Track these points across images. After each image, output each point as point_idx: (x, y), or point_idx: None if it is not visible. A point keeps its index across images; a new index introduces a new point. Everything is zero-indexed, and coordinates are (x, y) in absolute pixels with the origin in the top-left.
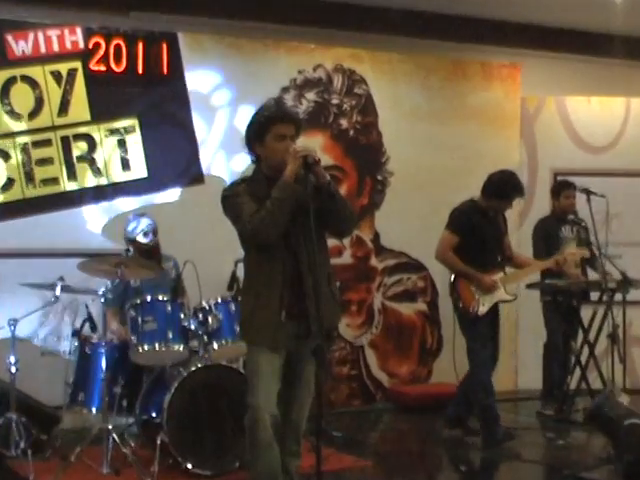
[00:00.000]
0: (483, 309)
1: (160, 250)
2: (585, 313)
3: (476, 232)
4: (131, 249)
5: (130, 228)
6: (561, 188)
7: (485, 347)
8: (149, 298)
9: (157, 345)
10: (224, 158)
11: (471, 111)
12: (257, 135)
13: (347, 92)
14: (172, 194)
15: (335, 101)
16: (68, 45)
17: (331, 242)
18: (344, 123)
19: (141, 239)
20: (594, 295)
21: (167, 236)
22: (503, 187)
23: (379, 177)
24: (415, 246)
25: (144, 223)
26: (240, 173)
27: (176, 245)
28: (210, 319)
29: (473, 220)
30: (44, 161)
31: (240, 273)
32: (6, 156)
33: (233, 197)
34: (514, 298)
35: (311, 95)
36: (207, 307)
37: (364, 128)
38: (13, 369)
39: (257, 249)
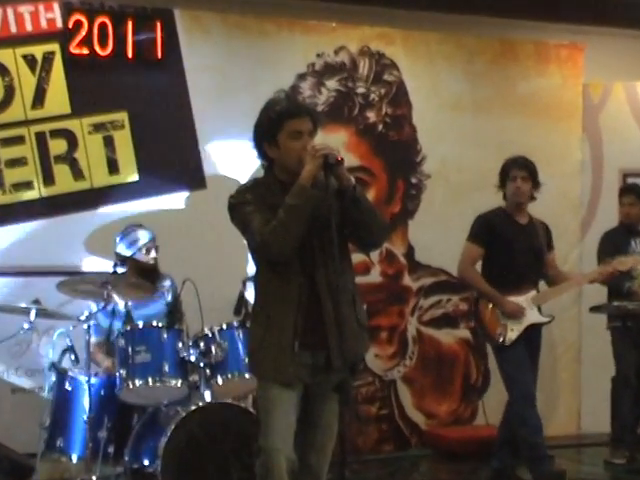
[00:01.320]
0: (512, 335)
1: (158, 269)
2: None
3: (502, 243)
4: (123, 267)
5: (126, 242)
6: (623, 193)
7: (524, 374)
8: (141, 324)
9: (150, 380)
10: (230, 158)
11: (523, 101)
12: (268, 134)
13: (375, 79)
14: (168, 201)
15: (361, 90)
16: (43, 24)
17: (356, 257)
18: (371, 116)
19: (142, 257)
20: None
21: (162, 251)
22: (501, 172)
23: (413, 180)
24: (456, 262)
25: (145, 237)
26: (250, 176)
27: (173, 261)
28: (214, 349)
29: (497, 229)
30: (16, 162)
31: (249, 294)
32: None
33: (241, 205)
34: (550, 320)
35: (332, 83)
36: (210, 335)
37: (395, 122)
38: None
39: (268, 265)
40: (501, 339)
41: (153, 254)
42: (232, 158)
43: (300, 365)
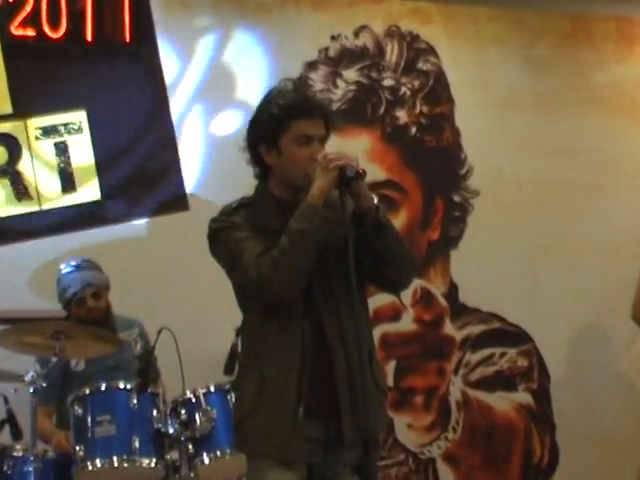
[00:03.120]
0: None
1: (112, 316)
2: None
3: None
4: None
5: (61, 286)
6: None
7: None
8: (103, 386)
9: (116, 459)
10: (219, 172)
11: (600, 95)
12: (267, 136)
13: (407, 68)
14: (139, 227)
15: (388, 82)
16: None
17: (384, 298)
18: (402, 116)
19: (76, 307)
20: None
21: (132, 290)
22: None
23: (456, 198)
24: (514, 304)
25: (79, 279)
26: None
27: (146, 304)
28: (198, 418)
29: None
30: None
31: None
32: None
33: (227, 230)
34: None
35: (351, 73)
36: (193, 399)
37: (433, 123)
38: None
39: (264, 310)
40: None
41: (91, 302)
42: (223, 171)
43: (305, 439)
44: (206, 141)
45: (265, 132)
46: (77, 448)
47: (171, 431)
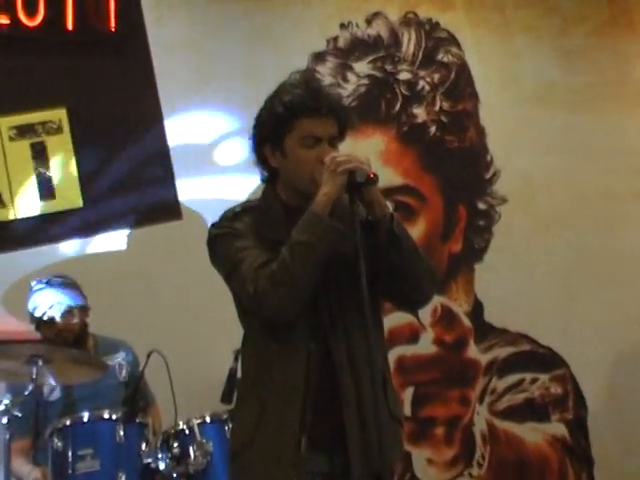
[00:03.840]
0: None
1: (87, 338)
2: None
3: None
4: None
5: (31, 305)
6: None
7: None
8: (86, 416)
9: None
10: (216, 177)
11: None
12: (271, 136)
13: (425, 60)
14: (126, 238)
15: (405, 75)
16: None
17: (400, 317)
18: (420, 113)
19: (45, 327)
20: None
21: (118, 309)
22: None
23: (481, 205)
24: (546, 324)
25: (50, 297)
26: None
27: (134, 324)
28: (192, 452)
29: None
30: None
31: None
32: None
33: (228, 238)
34: None
35: (363, 66)
36: (187, 431)
37: (455, 122)
38: None
39: (265, 328)
40: None
41: (61, 319)
42: (221, 175)
43: (309, 474)
44: (202, 143)
45: (269, 132)
46: None
47: (162, 466)
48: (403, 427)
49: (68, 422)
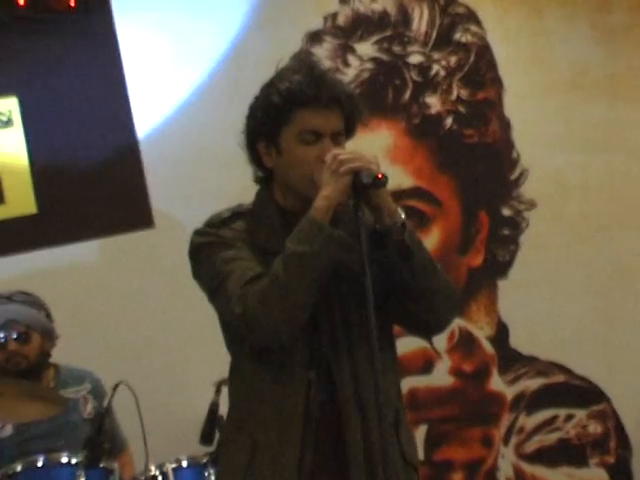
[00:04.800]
0: None
1: (45, 367)
2: None
3: None
4: None
5: None
6: None
7: None
8: (41, 461)
9: None
10: (196, 178)
11: None
12: (267, 130)
13: (440, 41)
14: (88, 248)
15: (416, 59)
16: None
17: (411, 343)
18: (434, 103)
19: None
20: None
21: (80, 332)
22: None
23: (506, 212)
24: (582, 351)
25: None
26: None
27: (98, 350)
28: None
29: None
30: None
31: (225, 407)
32: None
33: (213, 247)
34: None
35: (367, 48)
36: (160, 477)
37: (475, 113)
38: None
39: (254, 355)
40: None
41: (30, 347)
42: (200, 177)
43: None
44: (178, 139)
45: (263, 125)
46: None
47: None
48: (418, 474)
49: (19, 467)
